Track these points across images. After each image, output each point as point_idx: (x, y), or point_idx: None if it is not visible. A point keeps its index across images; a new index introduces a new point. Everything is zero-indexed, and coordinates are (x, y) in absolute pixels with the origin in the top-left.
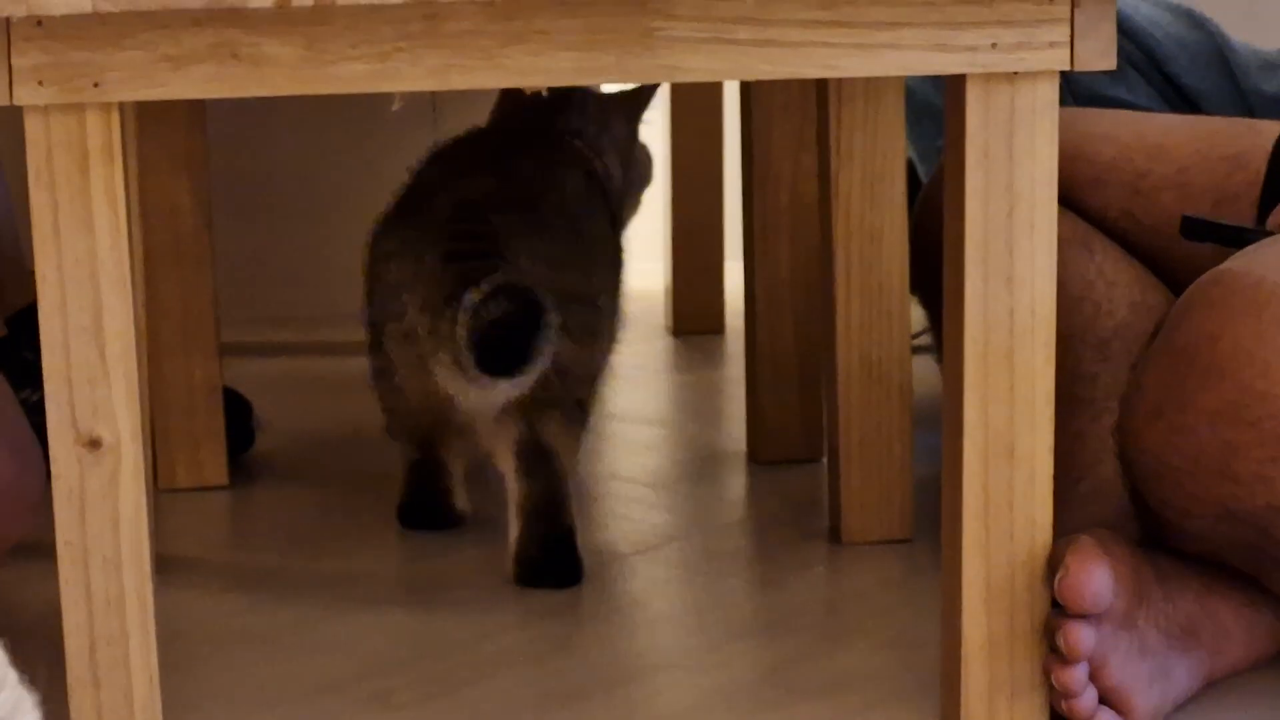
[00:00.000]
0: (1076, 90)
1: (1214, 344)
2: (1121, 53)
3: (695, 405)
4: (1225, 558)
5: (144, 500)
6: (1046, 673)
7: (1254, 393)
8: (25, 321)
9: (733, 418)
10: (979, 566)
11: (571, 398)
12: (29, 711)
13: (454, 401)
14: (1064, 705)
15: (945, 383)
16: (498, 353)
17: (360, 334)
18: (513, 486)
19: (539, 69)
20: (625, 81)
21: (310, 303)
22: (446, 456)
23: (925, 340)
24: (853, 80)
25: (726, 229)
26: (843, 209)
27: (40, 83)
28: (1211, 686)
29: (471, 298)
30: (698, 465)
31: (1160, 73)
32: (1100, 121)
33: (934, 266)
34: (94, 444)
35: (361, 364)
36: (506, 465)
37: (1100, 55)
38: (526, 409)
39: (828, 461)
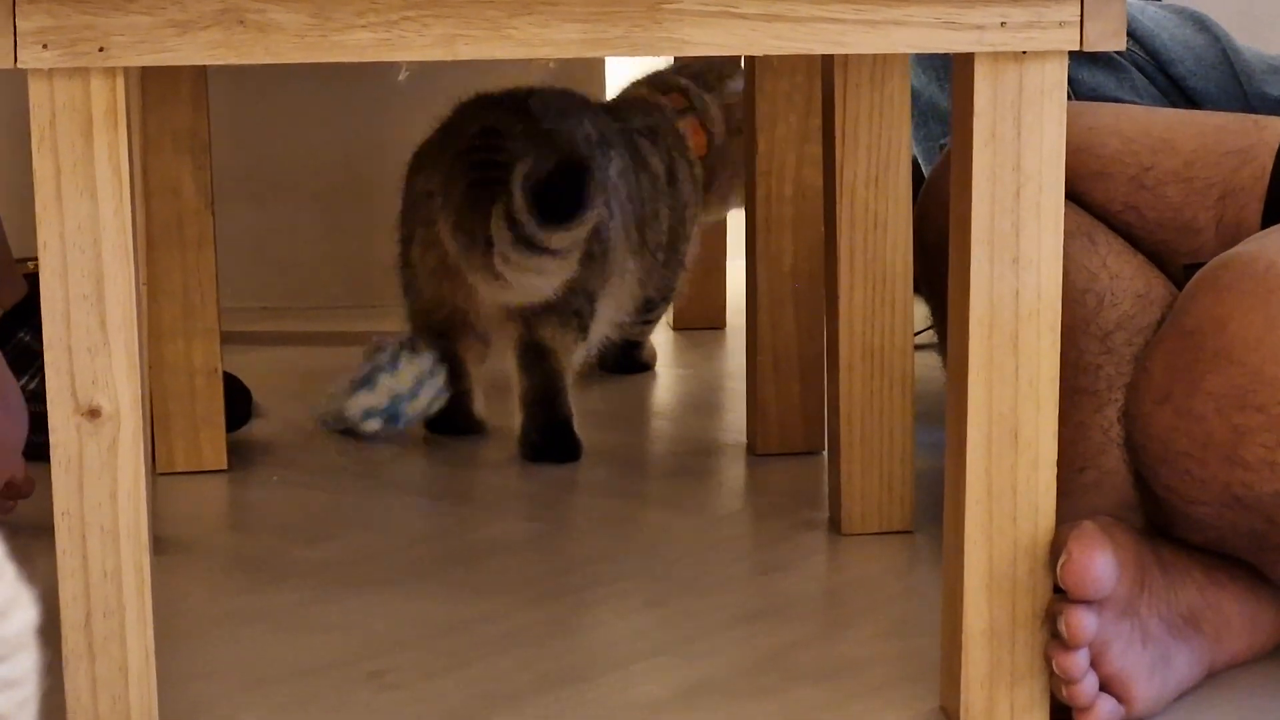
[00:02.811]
0: (1080, 92)
1: (1223, 328)
2: (1126, 55)
3: (696, 399)
4: (1229, 546)
5: (143, 471)
6: (1047, 658)
7: (1263, 377)
8: (20, 310)
9: (733, 411)
10: (981, 551)
11: (569, 308)
12: (26, 606)
13: (470, 301)
14: (1064, 691)
15: (950, 365)
16: (554, 204)
17: (356, 325)
18: (516, 381)
19: (546, 40)
20: (632, 55)
21: (310, 293)
22: (465, 357)
23: (928, 338)
24: (859, 68)
25: (730, 226)
26: (847, 197)
27: (45, 46)
28: (1212, 677)
29: (521, 168)
30: (698, 457)
31: (1165, 75)
32: (1105, 115)
33: (937, 262)
34: (93, 413)
35: (356, 354)
36: (511, 363)
37: (1110, 36)
38: (526, 313)
39: (828, 451)
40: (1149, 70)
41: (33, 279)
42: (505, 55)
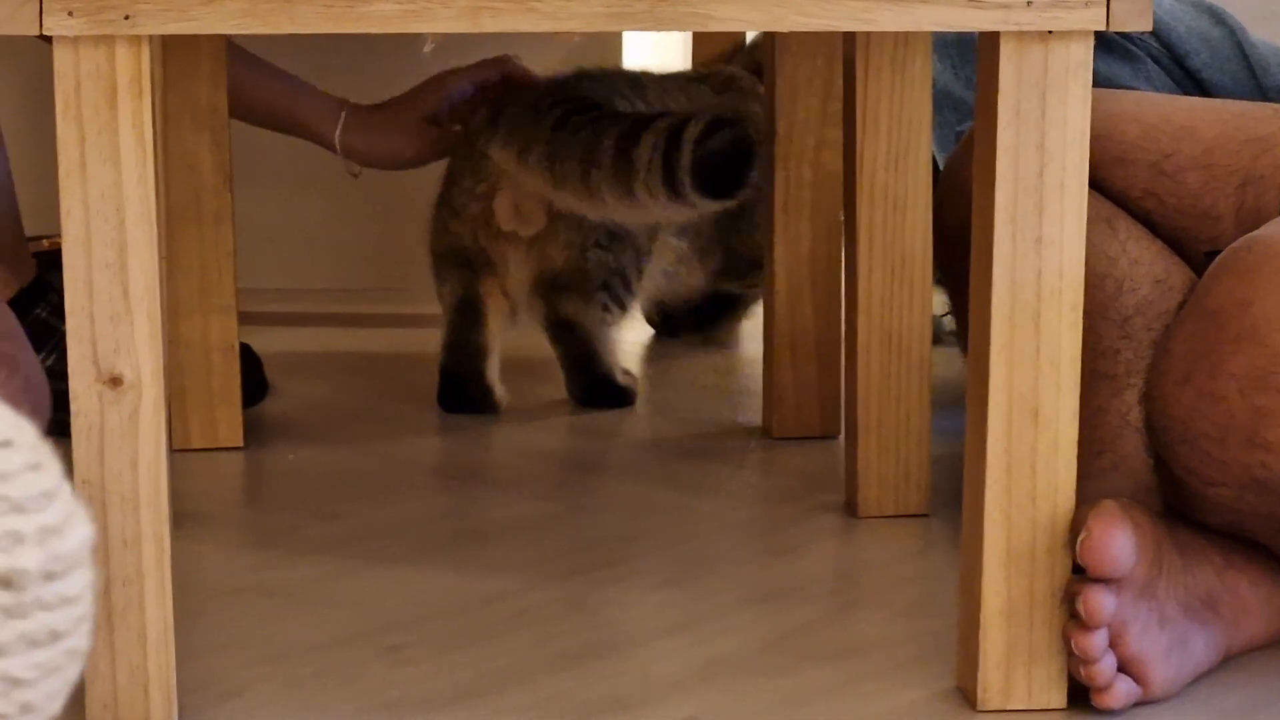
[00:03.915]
0: (1095, 81)
1: (1245, 309)
2: (1142, 45)
3: (712, 382)
4: (1248, 529)
5: (164, 440)
6: (1065, 639)
7: None
8: (35, 287)
9: (749, 395)
10: (1000, 530)
11: (594, 285)
12: (82, 524)
13: (503, 268)
14: (1082, 671)
15: (971, 345)
16: (718, 178)
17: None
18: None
19: (571, 14)
20: (656, 29)
21: (329, 276)
22: (485, 300)
23: (947, 324)
24: (880, 50)
25: None
26: (867, 180)
27: (70, 14)
28: (1229, 660)
29: (693, 129)
30: (714, 440)
31: (1181, 67)
32: (1125, 101)
33: (956, 247)
34: (115, 382)
35: (373, 335)
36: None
37: (1136, 16)
38: (548, 291)
39: (845, 433)
40: (1164, 61)
41: (44, 256)
42: (529, 28)
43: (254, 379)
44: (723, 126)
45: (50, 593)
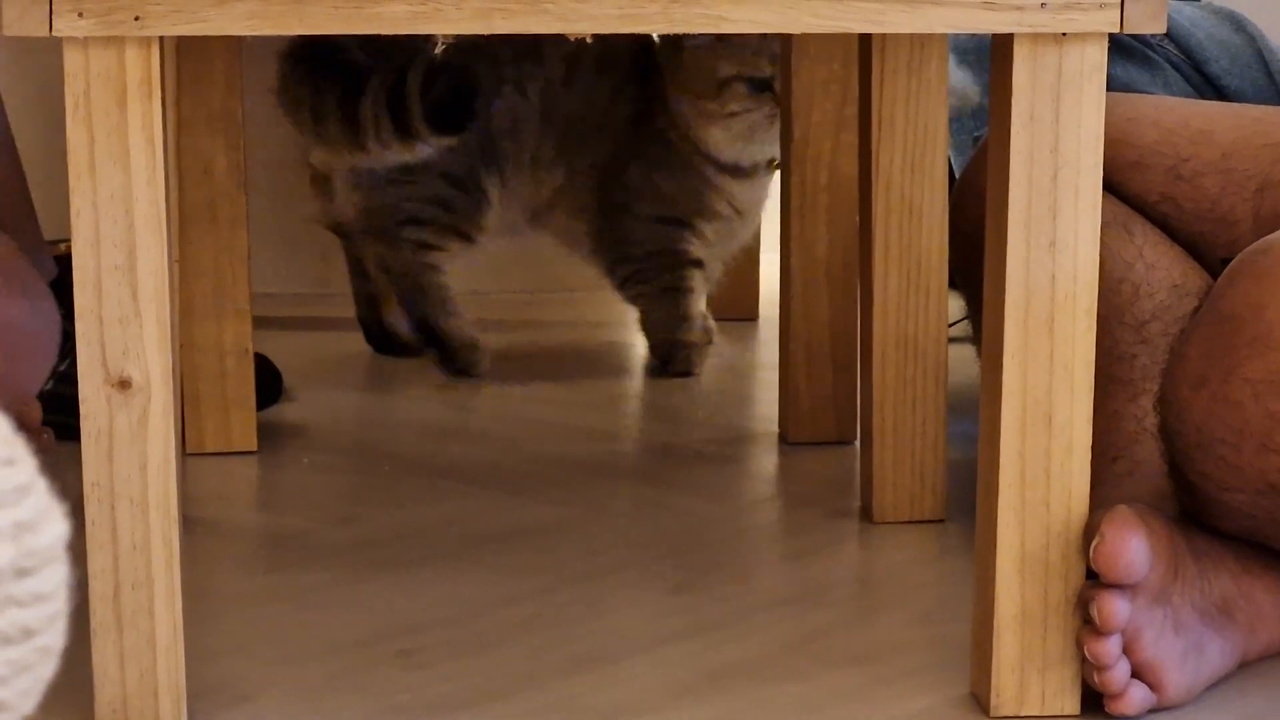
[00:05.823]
0: (1114, 87)
1: (1261, 314)
2: (1161, 51)
3: (728, 388)
4: (1263, 535)
5: (173, 443)
6: (1079, 645)
7: None
8: (54, 289)
9: (765, 401)
10: (1014, 535)
11: (394, 219)
12: (57, 520)
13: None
14: (1096, 678)
15: (984, 349)
16: (450, 116)
17: None
18: None
19: (584, 15)
20: (670, 30)
21: (343, 280)
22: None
23: (962, 330)
24: (896, 52)
25: (764, 219)
26: (883, 184)
27: (80, 15)
28: (1245, 667)
29: (414, 80)
30: (729, 445)
31: (1199, 73)
32: (1142, 106)
33: (973, 252)
34: (124, 384)
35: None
36: None
37: (1150, 18)
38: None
39: (860, 439)
40: (1183, 68)
41: (62, 261)
42: (542, 30)
43: (270, 387)
44: (439, 73)
45: (23, 589)
